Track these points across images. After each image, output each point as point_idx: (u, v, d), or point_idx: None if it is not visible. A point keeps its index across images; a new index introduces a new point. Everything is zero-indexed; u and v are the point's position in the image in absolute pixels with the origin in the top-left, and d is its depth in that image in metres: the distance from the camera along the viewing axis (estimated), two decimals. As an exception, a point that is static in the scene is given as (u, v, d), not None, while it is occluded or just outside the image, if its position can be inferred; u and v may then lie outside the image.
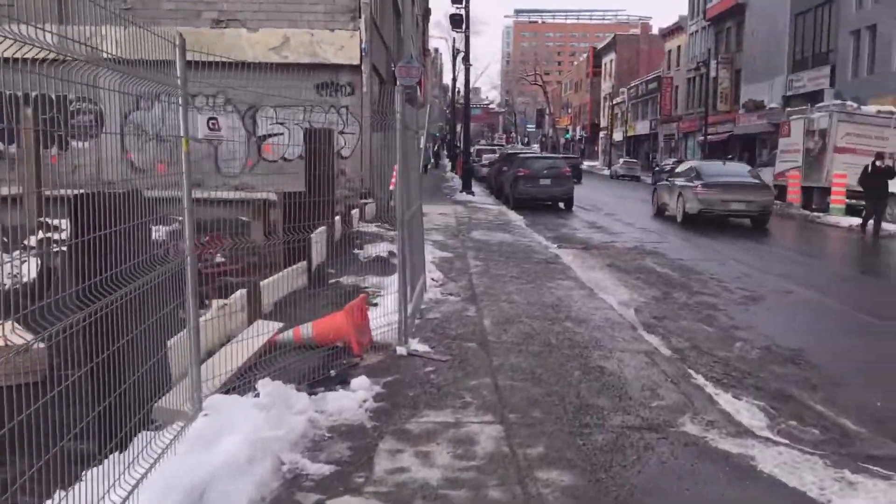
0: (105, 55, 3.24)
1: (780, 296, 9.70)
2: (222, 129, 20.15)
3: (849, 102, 24.57)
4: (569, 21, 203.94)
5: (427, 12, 70.64)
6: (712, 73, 50.78)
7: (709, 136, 49.79)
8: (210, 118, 19.45)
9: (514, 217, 18.57)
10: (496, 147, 62.47)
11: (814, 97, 39.53)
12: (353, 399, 4.56)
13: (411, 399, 4.69)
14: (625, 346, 6.34)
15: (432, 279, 8.89)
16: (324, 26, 20.17)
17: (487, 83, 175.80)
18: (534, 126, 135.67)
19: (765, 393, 5.53)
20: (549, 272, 10.03)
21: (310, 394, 4.58)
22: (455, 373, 5.27)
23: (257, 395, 4.19)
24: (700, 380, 5.55)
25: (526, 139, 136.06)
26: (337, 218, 13.45)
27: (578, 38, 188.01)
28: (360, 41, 20.02)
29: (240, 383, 4.43)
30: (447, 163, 65.72)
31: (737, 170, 21.39)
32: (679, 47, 63.07)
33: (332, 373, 5.20)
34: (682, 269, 11.41)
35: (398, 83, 29.97)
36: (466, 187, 25.48)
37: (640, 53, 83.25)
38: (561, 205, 23.42)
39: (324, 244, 11.02)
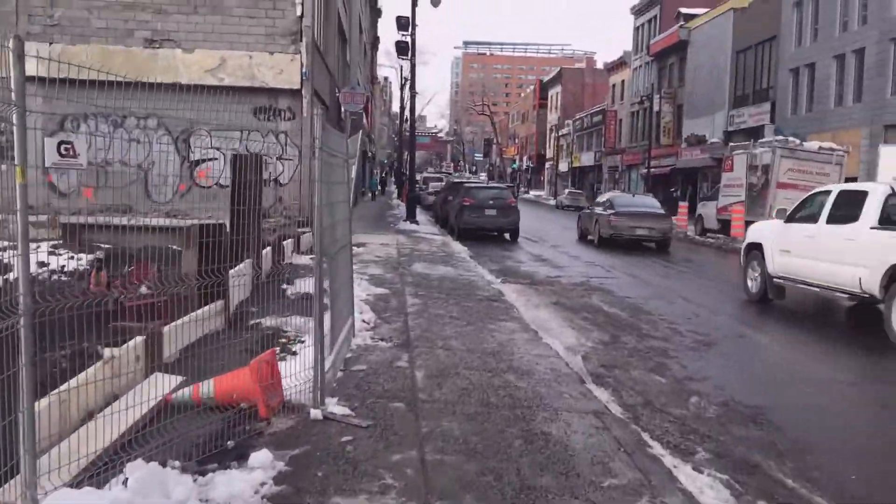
0: None
1: (733, 341, 9.20)
2: (79, 155, 17.72)
3: (791, 138, 24.74)
4: (516, 54, 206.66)
5: (376, 41, 70.41)
6: (655, 108, 51.40)
7: (652, 169, 50.20)
8: (62, 142, 17.53)
9: (459, 248, 17.94)
10: (443, 175, 62.06)
11: (755, 133, 40.12)
12: (249, 482, 3.77)
13: (320, 480, 3.92)
14: (572, 404, 5.68)
15: (363, 321, 8.13)
16: (263, 49, 19.41)
17: (436, 112, 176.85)
18: (481, 155, 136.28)
19: (728, 462, 4.91)
20: (491, 311, 9.36)
21: (196, 476, 3.78)
22: (376, 443, 4.51)
23: (125, 483, 3.39)
24: (657, 448, 4.90)
25: (474, 168, 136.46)
26: (267, 250, 12.62)
27: (525, 70, 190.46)
28: (301, 65, 19.29)
29: (105, 467, 3.60)
30: (394, 190, 65.15)
31: (646, 201, 24.21)
32: (623, 81, 63.89)
33: (231, 444, 4.39)
34: (630, 308, 10.88)
35: (342, 109, 29.27)
36: (411, 216, 24.79)
37: (584, 87, 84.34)
38: (507, 235, 22.91)
39: (249, 280, 10.19)
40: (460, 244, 19.78)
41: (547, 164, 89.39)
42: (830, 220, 10.32)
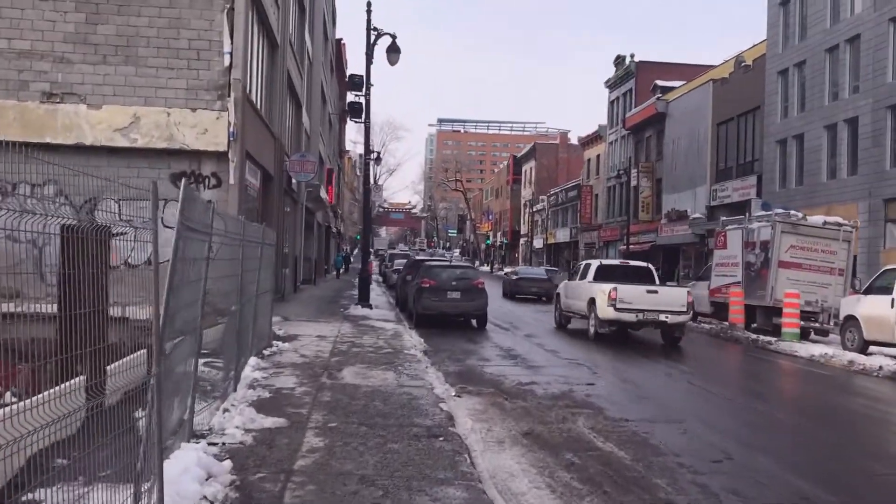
0: None
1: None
2: None
3: (792, 212, 22.11)
4: (490, 131, 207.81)
5: (345, 113, 68.47)
6: (633, 182, 49.28)
7: (631, 246, 47.68)
8: None
9: (412, 341, 14.74)
10: (409, 252, 59.11)
11: (739, 207, 37.77)
12: None
13: None
14: None
15: (205, 499, 4.89)
16: (184, 105, 16.49)
17: (410, 188, 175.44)
18: (455, 231, 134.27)
19: None
20: (430, 461, 6.17)
21: None
22: None
23: None
24: None
25: (448, 244, 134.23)
26: (138, 354, 9.39)
27: (500, 147, 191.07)
28: (229, 124, 16.38)
29: None
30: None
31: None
32: (598, 156, 62.17)
33: None
34: (632, 442, 7.71)
35: (293, 179, 26.37)
36: (363, 299, 21.62)
37: (559, 162, 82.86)
38: (473, 322, 19.81)
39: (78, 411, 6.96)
40: (416, 334, 16.61)
41: (522, 240, 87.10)
42: None
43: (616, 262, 22.69)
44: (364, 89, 21.47)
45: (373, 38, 21.11)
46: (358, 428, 7.19)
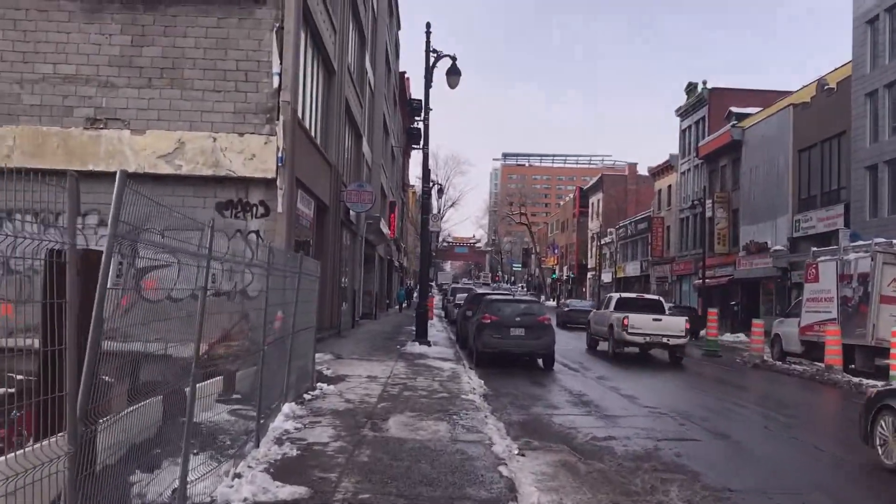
0: None
1: None
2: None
3: (895, 241, 19.92)
4: (555, 165, 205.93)
5: (409, 147, 68.06)
6: (708, 213, 46.93)
7: (707, 280, 45.22)
8: None
9: (471, 384, 13.28)
10: (472, 286, 57.61)
11: (825, 239, 35.28)
12: None
13: None
14: None
15: None
16: (231, 129, 15.61)
17: (474, 223, 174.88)
18: (520, 265, 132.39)
19: None
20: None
21: None
22: None
23: None
24: None
25: (512, 278, 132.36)
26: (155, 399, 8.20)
27: (565, 181, 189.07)
28: (277, 149, 15.40)
29: None
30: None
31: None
32: (669, 186, 59.92)
33: None
34: (741, 522, 6.10)
35: (350, 211, 25.38)
36: (420, 336, 20.25)
37: (627, 193, 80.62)
38: (539, 362, 18.25)
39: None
40: (476, 375, 15.14)
41: (589, 274, 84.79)
42: None
43: (633, 295, 26.66)
44: (423, 114, 20.36)
45: (432, 60, 20.03)
46: (395, 501, 5.78)
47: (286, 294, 10.31)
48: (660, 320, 21.45)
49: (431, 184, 43.90)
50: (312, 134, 19.30)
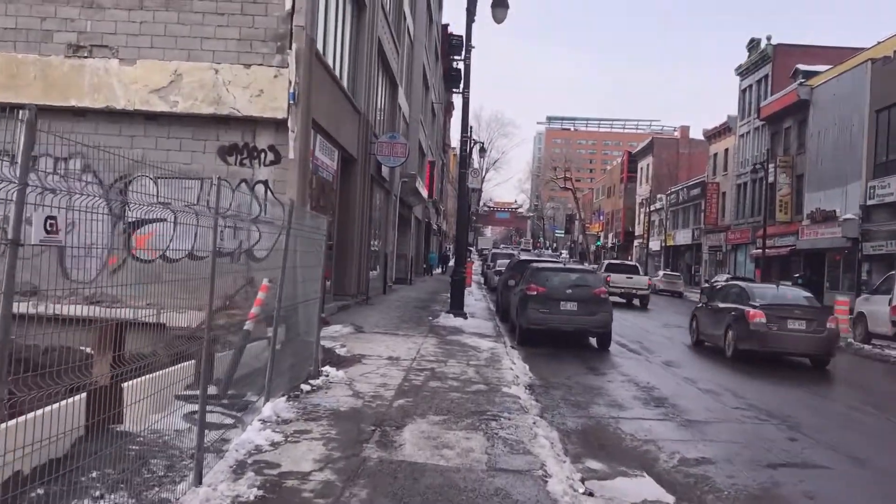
0: None
1: None
2: (60, 229, 12.41)
3: None
4: (601, 129, 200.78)
5: (450, 106, 65.17)
6: (769, 179, 43.44)
7: (766, 250, 42.02)
8: (48, 217, 12.14)
9: (514, 370, 10.84)
10: (514, 252, 54.87)
11: (905, 207, 32.03)
12: None
13: None
14: None
15: None
16: (236, 60, 13.18)
17: (517, 187, 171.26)
18: (563, 232, 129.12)
19: None
20: None
21: None
22: None
23: None
24: None
25: (554, 245, 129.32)
26: (75, 399, 5.83)
27: (611, 146, 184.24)
28: (290, 83, 12.96)
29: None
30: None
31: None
32: (726, 150, 56.26)
33: None
34: None
35: (383, 166, 22.93)
36: (455, 307, 17.80)
37: (679, 158, 76.78)
38: (593, 341, 15.76)
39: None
40: (519, 356, 12.70)
41: (636, 242, 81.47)
42: None
43: (618, 262, 37.57)
44: (464, 52, 17.66)
45: (475, -10, 17.29)
46: None
47: (277, 257, 7.99)
48: (631, 278, 32.12)
49: (473, 142, 41.24)
50: (336, 73, 16.82)
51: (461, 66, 18.16)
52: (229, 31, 13.17)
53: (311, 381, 8.58)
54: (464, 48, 17.63)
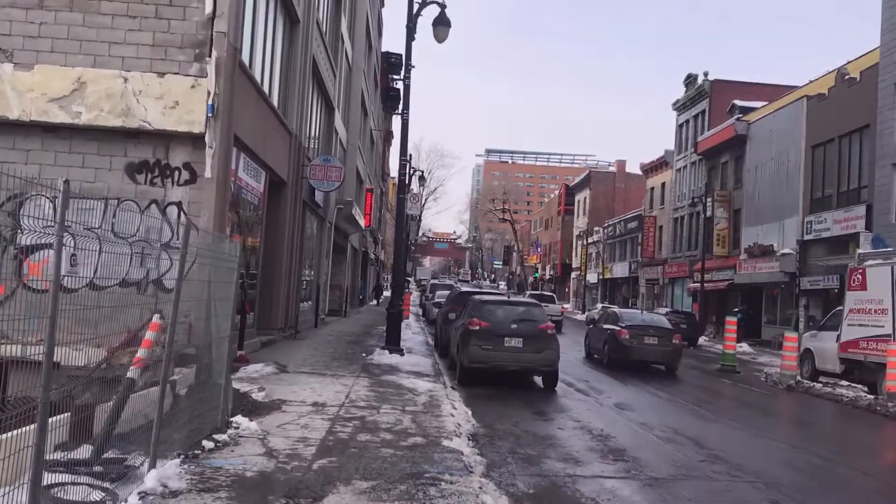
0: None
1: None
2: None
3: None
4: (538, 163, 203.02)
5: (389, 134, 64.21)
6: (707, 213, 43.54)
7: (705, 284, 41.93)
8: None
9: (455, 418, 9.64)
10: (453, 283, 53.79)
11: (841, 243, 32.18)
12: None
13: None
14: None
15: None
16: (148, 67, 11.80)
17: (455, 217, 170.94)
18: (501, 263, 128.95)
19: None
20: None
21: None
22: None
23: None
24: None
25: (492, 276, 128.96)
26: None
27: (548, 179, 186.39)
28: (208, 94, 11.66)
29: None
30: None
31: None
32: (664, 184, 56.63)
33: None
34: None
35: (316, 191, 21.60)
36: (391, 342, 16.52)
37: (616, 191, 77.38)
38: (538, 379, 14.69)
39: None
40: (461, 399, 11.52)
41: (573, 274, 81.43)
42: None
43: (537, 292, 39.24)
44: (403, 71, 16.61)
45: (416, 6, 16.33)
46: None
47: (190, 288, 6.72)
48: (547, 306, 26.93)
49: (413, 170, 40.20)
50: (265, 89, 15.56)
51: (400, 85, 16.94)
52: (142, 35, 11.82)
53: (216, 437, 7.22)
54: (403, 67, 16.58)
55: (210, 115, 11.60)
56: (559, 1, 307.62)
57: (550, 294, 34.93)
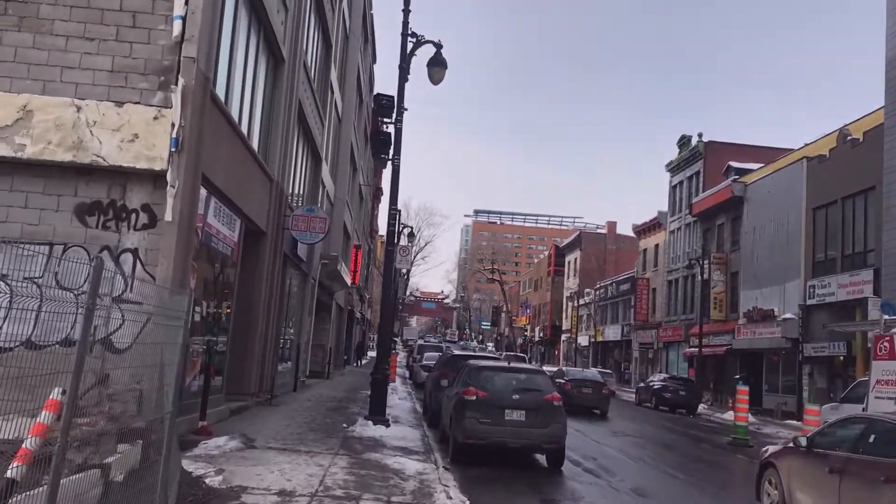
0: None
1: None
2: None
3: None
4: (527, 224, 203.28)
5: (378, 192, 63.12)
6: (704, 276, 42.26)
7: (703, 349, 40.38)
8: None
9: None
10: (443, 344, 51.96)
11: (847, 307, 30.86)
12: None
13: None
14: None
15: None
16: (105, 96, 10.34)
17: (443, 277, 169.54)
18: (489, 324, 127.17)
19: None
20: None
21: None
22: None
23: None
24: None
25: (480, 337, 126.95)
26: None
27: (536, 240, 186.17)
28: (172, 126, 10.21)
29: None
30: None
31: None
32: (657, 246, 55.55)
33: None
34: None
35: (299, 244, 20.11)
36: (376, 411, 14.73)
37: (607, 253, 76.35)
38: (541, 458, 12.98)
39: None
40: (457, 486, 9.78)
41: (563, 337, 79.72)
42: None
43: (512, 353, 43.60)
44: (395, 114, 15.26)
45: (410, 45, 15.10)
46: None
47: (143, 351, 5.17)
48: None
49: (402, 226, 38.81)
50: (244, 130, 14.16)
51: (392, 129, 15.63)
52: (99, 59, 10.42)
53: (144, 547, 5.52)
54: (395, 110, 15.23)
55: (174, 149, 10.12)
56: (544, 61, 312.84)
57: (522, 355, 36.98)
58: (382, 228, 73.66)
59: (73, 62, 10.39)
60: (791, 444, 9.58)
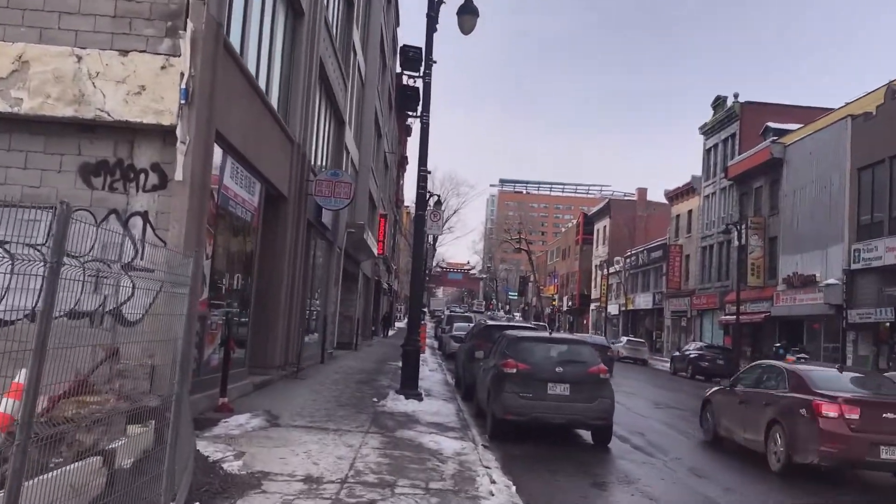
0: None
1: None
2: None
3: None
4: (553, 193, 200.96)
5: (403, 160, 62.03)
6: (740, 241, 40.79)
7: (740, 317, 39.06)
8: None
9: (494, 497, 7.08)
10: (473, 314, 51.00)
11: (895, 272, 29.44)
12: None
13: None
14: None
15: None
16: (108, 44, 9.38)
17: (469, 247, 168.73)
18: (516, 294, 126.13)
19: None
20: None
21: None
22: None
23: None
24: None
25: (507, 307, 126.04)
26: None
27: (563, 210, 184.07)
28: (182, 77, 9.26)
29: None
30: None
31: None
32: (690, 212, 53.97)
33: None
34: None
35: (323, 210, 19.20)
36: (408, 385, 13.86)
37: (636, 220, 74.65)
38: (585, 434, 12.06)
39: None
40: (498, 466, 8.89)
41: (592, 306, 78.55)
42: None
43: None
44: (423, 67, 14.21)
45: (438, -7, 13.97)
46: None
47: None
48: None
49: (429, 194, 37.80)
50: (262, 86, 13.19)
51: (419, 83, 14.56)
52: (100, 3, 9.47)
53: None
54: (423, 63, 14.16)
55: (184, 101, 9.18)
56: (574, 24, 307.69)
57: (543, 324, 35.02)
58: (408, 199, 72.75)
59: (73, 7, 9.44)
60: (721, 387, 13.67)
